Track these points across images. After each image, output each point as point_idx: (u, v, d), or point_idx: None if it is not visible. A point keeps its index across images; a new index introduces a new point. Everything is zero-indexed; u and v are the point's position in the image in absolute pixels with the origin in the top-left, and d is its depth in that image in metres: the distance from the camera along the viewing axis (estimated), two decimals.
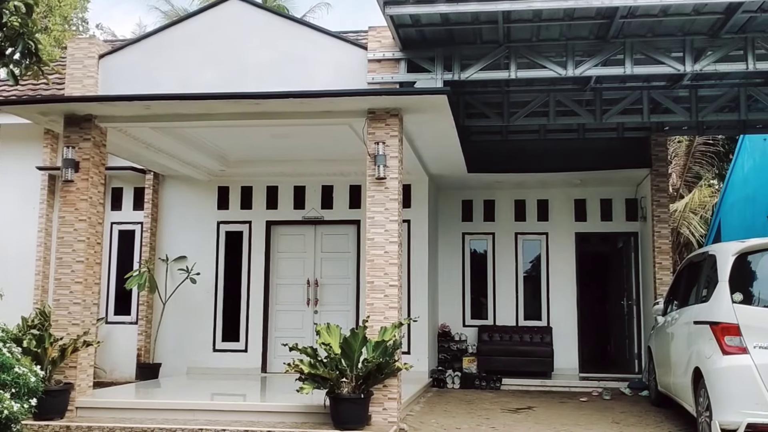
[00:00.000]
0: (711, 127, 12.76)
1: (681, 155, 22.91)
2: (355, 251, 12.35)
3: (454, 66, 9.49)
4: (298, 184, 12.64)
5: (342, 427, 7.42)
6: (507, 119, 11.57)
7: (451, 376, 12.24)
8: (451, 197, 14.18)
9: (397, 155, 8.37)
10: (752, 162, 17.51)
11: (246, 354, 12.34)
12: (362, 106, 8.42)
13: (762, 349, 6.55)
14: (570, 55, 9.22)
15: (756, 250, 7.03)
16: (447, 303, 13.90)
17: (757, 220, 16.56)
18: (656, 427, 8.49)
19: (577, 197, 13.96)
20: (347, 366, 7.50)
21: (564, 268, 13.82)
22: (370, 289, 8.20)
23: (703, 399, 7.03)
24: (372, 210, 8.32)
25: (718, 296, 6.98)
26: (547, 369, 12.76)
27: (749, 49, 8.83)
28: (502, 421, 8.76)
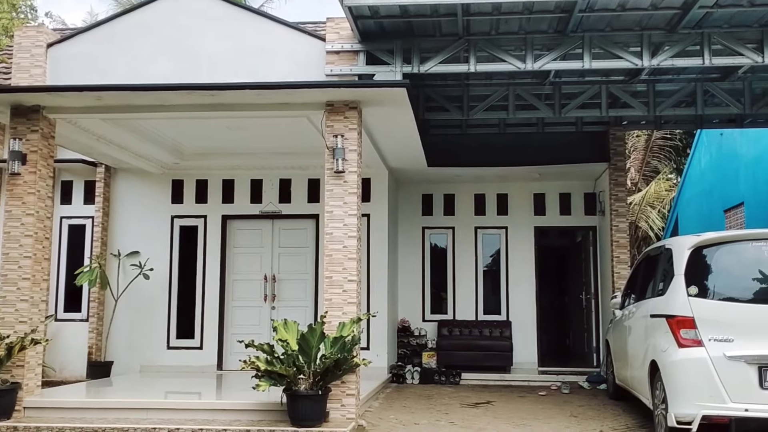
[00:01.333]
0: (668, 122, 13.01)
1: (640, 149, 23.33)
2: (313, 246, 12.32)
3: (413, 59, 9.49)
4: (255, 177, 12.55)
5: (299, 424, 7.41)
6: (467, 113, 11.63)
7: (411, 371, 12.30)
8: (411, 191, 14.24)
9: (356, 148, 8.37)
10: (709, 157, 17.94)
11: (201, 351, 12.23)
12: (320, 98, 8.39)
13: (716, 341, 6.70)
14: (529, 48, 9.29)
15: (711, 244, 7.18)
16: (407, 298, 13.97)
17: (714, 214, 16.99)
18: (614, 420, 8.65)
19: (536, 191, 14.13)
20: (305, 362, 7.49)
21: (523, 262, 13.99)
22: (329, 285, 8.19)
23: (660, 392, 7.18)
24: (330, 204, 8.31)
25: (674, 290, 7.13)
26: (506, 363, 12.90)
27: (706, 45, 9.00)
28: (461, 416, 8.84)
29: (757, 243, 7.07)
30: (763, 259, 6.99)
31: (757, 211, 14.59)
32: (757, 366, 6.55)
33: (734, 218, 15.92)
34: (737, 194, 15.73)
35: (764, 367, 6.54)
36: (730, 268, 7.14)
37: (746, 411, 6.48)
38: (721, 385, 6.57)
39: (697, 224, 17.32)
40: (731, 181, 16.12)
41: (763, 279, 6.98)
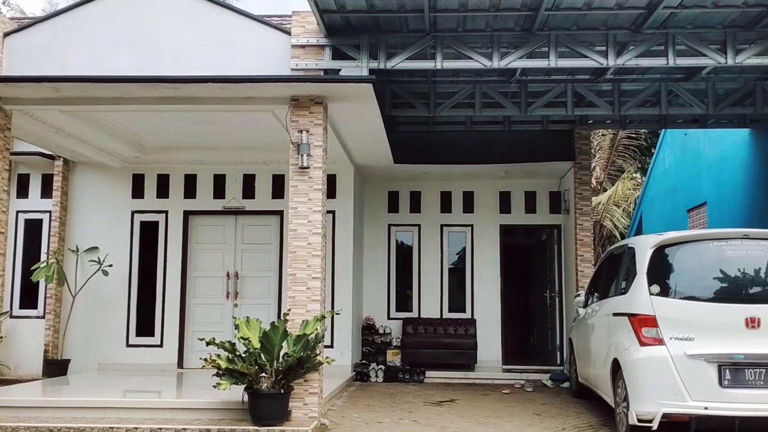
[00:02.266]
0: (633, 121, 13.21)
1: (605, 148, 23.61)
2: (277, 243, 12.25)
3: (379, 54, 9.50)
4: (218, 172, 12.44)
5: (261, 423, 7.37)
6: (433, 110, 11.68)
7: (375, 369, 12.32)
8: (377, 188, 14.24)
9: (322, 144, 8.35)
10: (673, 156, 18.24)
11: (161, 349, 12.09)
12: (285, 92, 8.35)
13: (677, 340, 6.83)
14: (496, 46, 9.36)
15: (673, 243, 7.31)
16: (372, 295, 13.98)
17: (678, 213, 17.28)
18: (576, 418, 8.76)
19: (502, 189, 14.24)
20: (267, 360, 7.45)
21: (488, 260, 14.09)
22: (292, 282, 8.17)
23: (621, 390, 7.29)
24: (295, 200, 8.29)
25: (636, 288, 7.24)
26: (470, 361, 12.98)
27: (670, 45, 9.15)
28: (424, 414, 8.88)
29: (717, 242, 7.21)
30: (723, 259, 7.13)
31: (720, 210, 14.87)
32: (716, 364, 6.68)
33: (697, 218, 16.20)
34: (700, 194, 16.02)
35: (724, 366, 6.68)
36: (692, 267, 7.27)
37: (706, 409, 6.61)
38: (681, 384, 6.69)
39: (661, 223, 17.61)
40: (694, 181, 16.41)
41: (724, 278, 7.11)
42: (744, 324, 6.77)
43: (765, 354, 6.68)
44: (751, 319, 6.77)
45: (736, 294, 7.06)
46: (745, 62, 9.07)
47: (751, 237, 7.20)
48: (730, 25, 9.02)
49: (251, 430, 7.33)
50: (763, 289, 7.09)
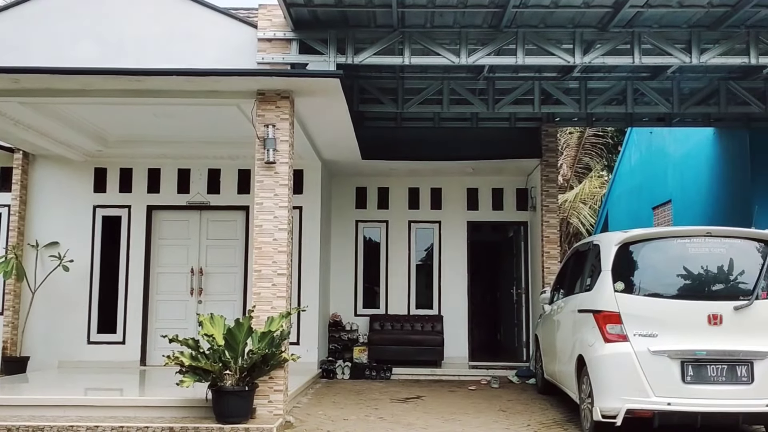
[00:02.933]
0: (600, 119, 13.34)
1: (572, 146, 23.85)
2: (243, 238, 12.17)
3: (347, 49, 9.47)
4: (182, 166, 12.32)
5: (225, 420, 7.32)
6: (401, 106, 11.68)
7: (341, 366, 12.30)
8: (344, 184, 14.22)
9: (288, 139, 8.32)
10: (639, 154, 18.48)
11: (123, 346, 11.96)
12: (251, 86, 8.30)
13: (641, 336, 6.93)
14: (463, 43, 9.38)
15: (637, 240, 7.41)
16: (339, 292, 13.96)
17: (643, 211, 17.52)
18: (541, 414, 8.84)
19: (469, 186, 14.32)
20: (231, 358, 7.40)
21: (456, 256, 14.15)
22: (258, 278, 8.13)
23: (586, 386, 7.37)
24: (261, 195, 8.25)
25: (601, 285, 7.32)
26: (437, 358, 13.03)
27: (636, 44, 9.25)
28: (390, 411, 8.89)
29: (681, 240, 7.32)
30: (687, 256, 7.24)
31: (684, 208, 15.10)
32: (679, 360, 6.80)
33: (662, 215, 16.44)
34: (665, 192, 16.26)
35: (686, 362, 6.79)
36: (656, 264, 7.38)
37: (669, 405, 6.72)
38: (645, 380, 6.79)
39: (627, 221, 17.84)
40: (660, 179, 16.64)
41: (687, 275, 7.23)
42: (706, 321, 6.89)
43: (726, 350, 6.81)
44: (714, 315, 6.89)
45: (698, 291, 7.18)
46: (709, 62, 9.21)
47: (713, 235, 7.33)
48: (695, 25, 9.15)
49: (215, 428, 7.27)
50: (725, 287, 7.21)
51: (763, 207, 11.51)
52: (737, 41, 9.16)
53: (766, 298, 7.04)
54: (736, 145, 13.03)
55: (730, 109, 11.62)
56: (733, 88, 11.35)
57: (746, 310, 6.91)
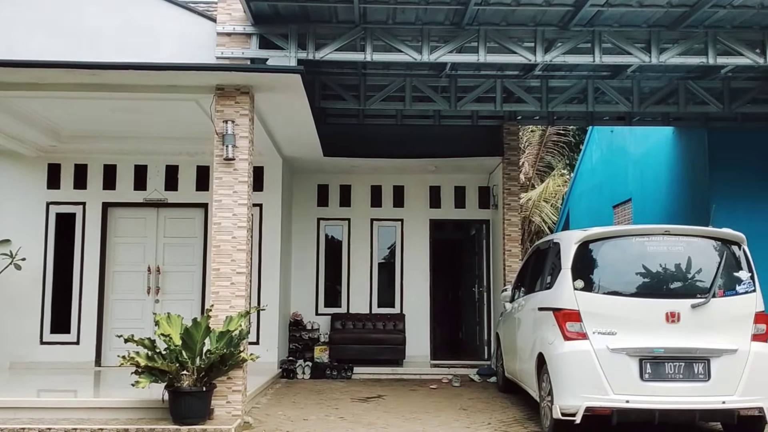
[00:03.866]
0: (561, 118, 13.49)
1: (534, 145, 24.07)
2: (201, 236, 12.04)
3: (308, 45, 9.42)
4: (139, 163, 12.14)
5: (182, 422, 7.25)
6: (363, 102, 11.67)
7: (302, 366, 12.25)
8: (306, 181, 14.16)
9: (248, 135, 8.27)
10: (600, 153, 18.73)
11: (78, 347, 11.74)
12: (210, 81, 8.23)
13: (601, 334, 7.02)
14: (426, 40, 9.40)
15: (597, 239, 7.50)
16: (300, 291, 13.90)
17: (604, 209, 17.77)
18: (502, 413, 8.91)
19: (432, 184, 14.36)
20: (188, 358, 7.34)
21: (418, 255, 14.19)
22: (216, 277, 8.06)
23: (546, 384, 7.45)
24: (219, 193, 8.19)
25: (561, 283, 7.41)
26: (399, 357, 13.06)
27: (596, 43, 9.36)
28: (351, 411, 8.89)
29: (640, 238, 7.44)
30: (645, 254, 7.36)
31: (644, 207, 15.36)
32: (638, 358, 6.91)
33: (622, 214, 16.70)
34: (625, 190, 16.51)
35: (645, 360, 6.91)
36: (615, 262, 7.48)
37: (627, 402, 6.83)
38: (604, 377, 6.88)
39: (588, 219, 18.08)
40: (620, 178, 16.89)
41: (646, 273, 7.34)
42: (664, 319, 7.02)
43: (684, 348, 6.93)
44: (671, 313, 7.01)
45: (657, 289, 7.30)
46: (668, 61, 9.35)
47: (672, 233, 7.46)
48: (654, 25, 9.29)
49: (172, 429, 7.20)
50: (683, 285, 7.34)
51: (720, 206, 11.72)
52: (696, 41, 9.33)
53: (722, 296, 7.18)
54: (694, 144, 13.28)
55: (689, 108, 11.84)
56: (691, 87, 11.56)
57: (703, 308, 7.05)
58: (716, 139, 12.66)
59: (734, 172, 12.39)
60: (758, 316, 7.19)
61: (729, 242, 7.44)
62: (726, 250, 7.38)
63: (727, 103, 11.60)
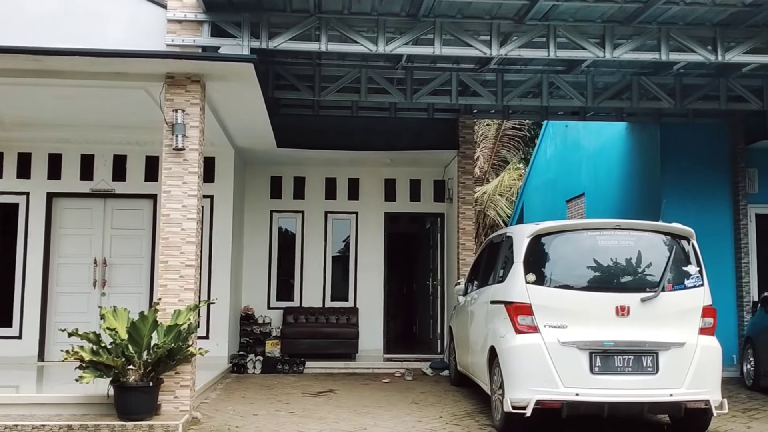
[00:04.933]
0: (516, 112, 13.60)
1: (490, 138, 24.27)
2: (150, 228, 11.86)
3: (262, 33, 9.31)
4: (86, 152, 11.92)
5: (127, 417, 7.16)
6: (318, 93, 11.59)
7: (253, 360, 12.18)
8: (259, 173, 14.07)
9: (198, 125, 8.19)
10: (554, 148, 18.97)
11: (20, 341, 11.49)
12: (160, 69, 8.13)
13: (552, 328, 7.11)
14: (381, 31, 9.36)
15: (549, 233, 7.59)
16: (252, 284, 13.82)
17: (558, 204, 18.01)
18: (453, 406, 8.99)
19: (387, 177, 14.40)
20: (135, 352, 7.25)
21: (373, 248, 14.21)
22: (164, 270, 7.98)
23: (497, 377, 7.53)
24: (168, 183, 8.11)
25: (513, 277, 7.49)
26: (352, 351, 13.07)
27: (551, 37, 9.44)
28: (302, 406, 8.87)
29: (591, 232, 7.56)
30: (597, 248, 7.48)
31: (597, 201, 15.60)
32: (588, 351, 7.02)
33: (576, 208, 16.94)
34: (579, 185, 16.75)
35: (594, 353, 7.02)
36: (566, 256, 7.59)
37: (577, 395, 6.93)
38: (554, 371, 6.97)
39: (542, 213, 18.30)
40: (574, 172, 17.13)
41: (597, 267, 7.46)
42: (614, 312, 7.14)
43: (633, 341, 7.07)
44: (621, 307, 7.14)
45: (607, 283, 7.42)
46: (622, 57, 9.47)
47: (623, 228, 7.60)
48: (609, 20, 9.40)
49: (117, 425, 7.11)
50: (633, 279, 7.48)
51: (671, 201, 12.01)
52: (649, 37, 9.47)
53: (671, 290, 7.34)
54: (646, 139, 13.53)
55: (642, 104, 12.03)
56: (644, 83, 11.75)
57: (653, 301, 7.19)
58: (668, 134, 12.92)
59: (685, 168, 12.67)
60: (705, 309, 7.36)
61: (678, 237, 7.60)
62: (675, 244, 7.53)
63: (679, 100, 11.81)
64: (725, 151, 12.88)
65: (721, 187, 12.75)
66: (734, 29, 9.30)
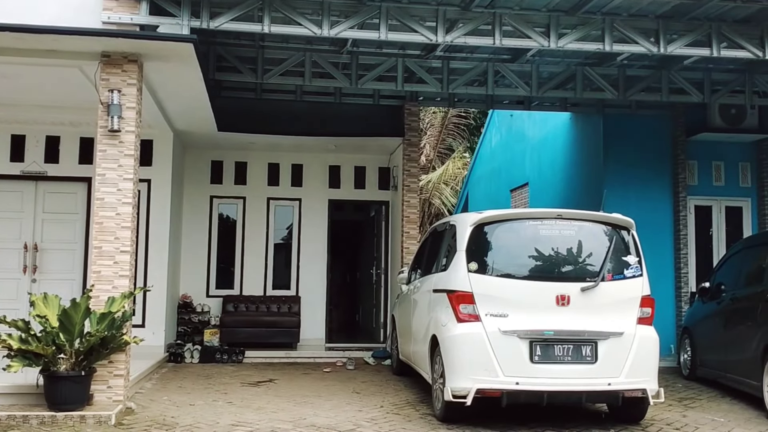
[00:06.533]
0: (461, 100, 13.70)
1: (436, 126, 24.40)
2: (84, 212, 11.57)
3: (202, 13, 9.15)
4: (16, 132, 11.57)
5: (58, 408, 7.02)
6: (261, 76, 11.47)
7: (190, 350, 12.04)
8: (199, 157, 13.87)
9: (135, 106, 8.05)
10: (499, 137, 19.16)
11: None
12: (95, 47, 7.95)
13: (493, 317, 7.19)
14: (326, 14, 9.30)
15: (491, 221, 7.67)
16: (190, 272, 13.65)
17: (502, 193, 18.22)
18: (395, 395, 9.04)
19: (332, 163, 14.35)
20: (66, 341, 7.10)
21: (316, 235, 14.17)
22: (98, 255, 7.84)
23: (439, 366, 7.59)
24: (103, 166, 7.96)
25: (456, 265, 7.55)
26: (293, 340, 13.02)
27: (497, 25, 9.51)
28: (240, 395, 8.81)
29: (533, 222, 7.67)
30: (538, 238, 7.59)
31: (540, 191, 15.83)
32: (528, 340, 7.12)
33: (519, 197, 17.16)
34: (523, 174, 16.96)
35: (535, 342, 7.13)
36: (508, 245, 7.68)
37: (517, 384, 7.03)
38: (495, 359, 7.06)
39: (486, 202, 18.49)
40: (518, 162, 17.34)
41: (538, 257, 7.57)
42: (555, 301, 7.26)
43: (572, 330, 7.20)
44: (561, 296, 7.26)
45: (548, 272, 7.54)
46: (566, 46, 9.60)
47: (564, 217, 7.72)
48: (553, 9, 9.50)
49: (47, 416, 6.96)
50: (574, 268, 7.62)
51: (612, 191, 12.24)
52: (593, 27, 9.61)
53: (611, 280, 7.50)
54: (590, 130, 13.76)
55: (586, 94, 12.22)
56: (588, 74, 11.94)
57: (592, 291, 7.33)
58: (611, 125, 13.16)
59: (627, 159, 12.93)
60: (644, 299, 7.54)
61: (619, 227, 7.76)
62: (616, 234, 7.69)
63: (622, 91, 12.04)
64: (666, 142, 13.18)
65: (661, 178, 13.05)
66: (676, 22, 9.50)
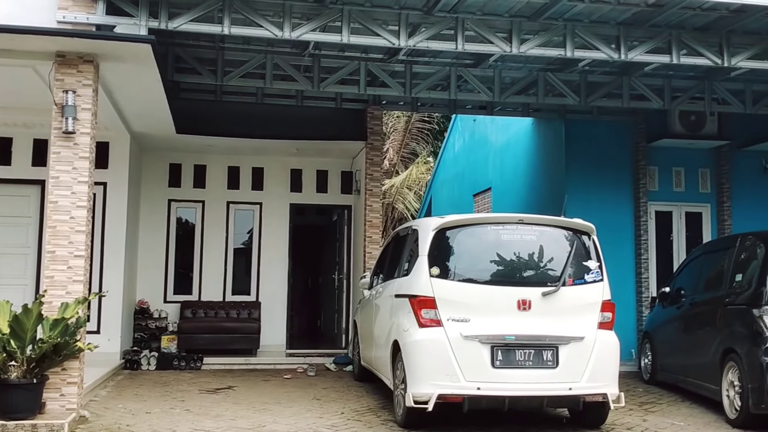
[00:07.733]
0: (424, 105, 13.76)
1: (399, 131, 24.46)
2: (37, 216, 11.38)
3: (161, 13, 9.06)
4: None
5: (8, 417, 6.88)
6: (221, 78, 11.39)
7: (147, 357, 11.89)
8: (156, 159, 13.73)
9: (91, 107, 7.94)
10: (462, 142, 19.29)
11: None
12: (49, 47, 7.83)
13: (455, 322, 7.24)
14: (287, 16, 9.27)
15: (453, 226, 7.71)
16: (147, 277, 13.48)
17: (465, 198, 18.33)
18: (356, 402, 9.03)
19: (293, 167, 14.32)
20: (17, 347, 6.97)
21: (277, 240, 14.11)
22: (51, 260, 7.70)
23: (400, 372, 7.61)
24: (57, 169, 7.83)
25: (418, 270, 7.57)
26: (253, 346, 12.93)
27: (459, 30, 9.57)
28: (198, 403, 8.73)
29: (495, 227, 7.73)
30: (500, 243, 7.66)
31: (503, 196, 15.96)
32: (490, 345, 7.17)
33: (482, 202, 17.28)
34: (486, 179, 17.08)
35: (496, 347, 7.18)
36: (470, 250, 7.73)
37: (478, 389, 7.07)
38: (456, 365, 7.09)
39: (449, 207, 18.60)
40: (481, 167, 17.46)
41: (499, 261, 7.64)
42: (516, 306, 7.32)
43: (534, 335, 7.27)
44: (523, 301, 7.33)
45: (510, 277, 7.61)
46: (528, 52, 9.70)
47: (525, 222, 7.79)
48: (516, 15, 9.60)
49: None
50: (535, 273, 7.70)
51: (574, 196, 12.41)
52: (555, 33, 9.73)
53: (572, 285, 7.58)
54: (552, 135, 13.92)
55: (548, 100, 12.36)
56: (550, 79, 12.08)
57: (553, 296, 7.41)
58: (573, 131, 13.32)
59: (589, 164, 13.10)
60: (605, 304, 7.64)
61: (580, 232, 7.86)
62: (577, 239, 7.78)
63: (584, 96, 12.20)
64: (627, 148, 13.38)
65: (622, 183, 13.24)
66: (637, 29, 9.66)
